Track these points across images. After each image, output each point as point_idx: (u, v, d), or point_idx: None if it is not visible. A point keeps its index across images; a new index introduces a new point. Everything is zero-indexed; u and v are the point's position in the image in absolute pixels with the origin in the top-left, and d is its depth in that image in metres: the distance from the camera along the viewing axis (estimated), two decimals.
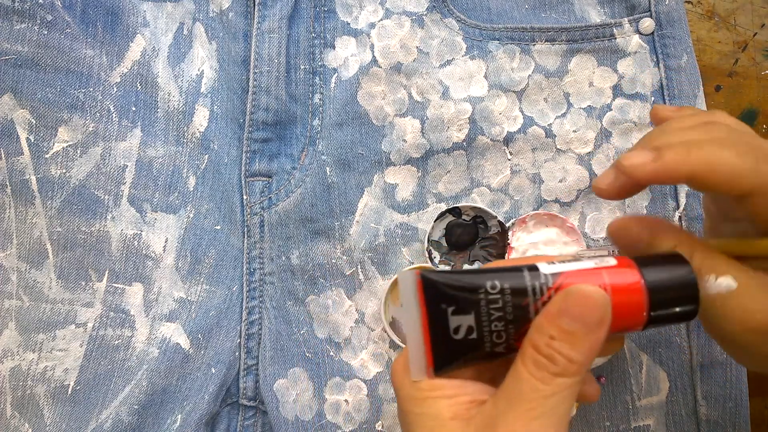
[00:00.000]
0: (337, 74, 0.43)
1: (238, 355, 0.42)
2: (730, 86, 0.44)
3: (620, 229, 0.28)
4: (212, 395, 0.40)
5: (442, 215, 0.41)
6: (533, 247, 0.41)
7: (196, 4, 0.43)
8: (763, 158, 0.25)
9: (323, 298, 0.42)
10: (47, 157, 0.39)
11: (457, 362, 0.25)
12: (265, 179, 0.43)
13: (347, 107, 0.42)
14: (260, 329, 0.42)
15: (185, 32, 0.42)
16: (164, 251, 0.40)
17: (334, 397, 0.41)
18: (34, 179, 0.39)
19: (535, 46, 0.42)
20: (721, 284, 0.25)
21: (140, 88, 0.41)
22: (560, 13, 0.42)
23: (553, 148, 0.41)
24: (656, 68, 0.41)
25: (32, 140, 0.39)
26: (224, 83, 0.43)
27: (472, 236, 0.41)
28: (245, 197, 0.43)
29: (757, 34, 0.44)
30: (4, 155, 0.39)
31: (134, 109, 0.41)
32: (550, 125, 0.41)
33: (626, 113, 0.41)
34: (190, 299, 0.41)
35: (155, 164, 0.41)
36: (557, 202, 0.41)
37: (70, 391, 0.38)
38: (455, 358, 0.25)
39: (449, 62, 0.42)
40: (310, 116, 0.43)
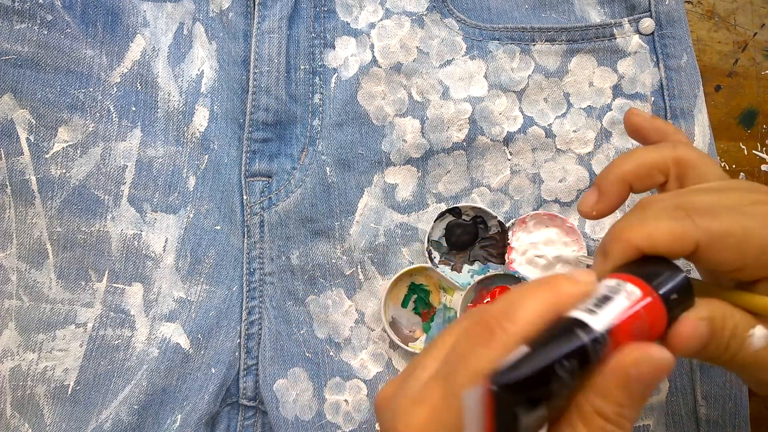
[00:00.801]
0: (337, 74, 0.43)
1: (238, 355, 0.42)
2: (730, 86, 0.44)
3: (690, 338, 0.25)
4: (212, 395, 0.40)
5: (442, 215, 0.41)
6: (533, 247, 0.41)
7: (196, 4, 0.43)
8: (695, 213, 0.25)
9: (323, 298, 0.42)
10: (47, 157, 0.39)
11: None
12: (265, 179, 0.43)
13: (347, 107, 0.42)
14: (260, 329, 0.42)
15: (185, 32, 0.42)
16: (164, 251, 0.40)
17: (334, 397, 0.41)
18: (34, 179, 0.39)
19: (535, 46, 0.42)
20: (760, 337, 0.25)
21: (140, 88, 0.41)
22: (560, 13, 0.42)
23: (553, 148, 0.41)
24: (656, 68, 0.41)
25: (32, 140, 0.39)
26: (224, 83, 0.43)
27: (472, 236, 0.41)
28: (245, 197, 0.43)
29: (757, 34, 0.44)
30: (4, 155, 0.39)
31: (134, 109, 0.41)
32: (550, 125, 0.41)
33: None
34: (190, 299, 0.41)
35: (155, 164, 0.41)
36: (557, 202, 0.41)
37: (70, 391, 0.38)
38: None
39: (449, 62, 0.42)
40: (310, 116, 0.43)
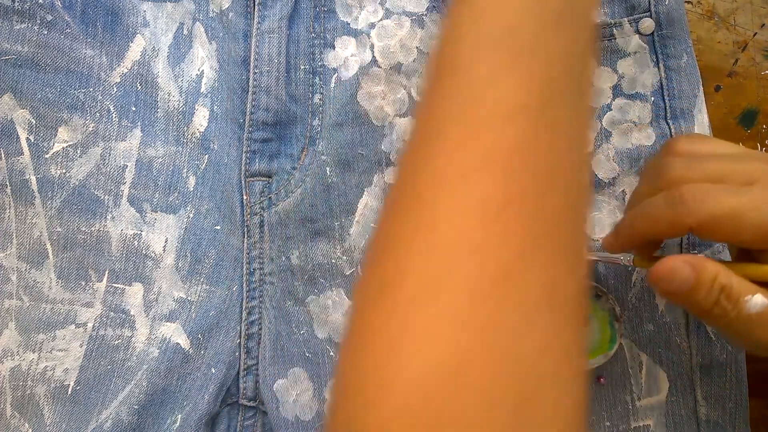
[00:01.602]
0: (337, 74, 0.43)
1: (237, 355, 0.42)
2: (730, 86, 0.44)
3: (671, 272, 0.30)
4: (212, 395, 0.40)
5: None
6: None
7: (196, 4, 0.43)
8: (691, 197, 0.29)
9: (323, 298, 0.42)
10: (47, 157, 0.39)
11: None
12: (265, 179, 0.43)
13: (347, 107, 0.42)
14: (260, 329, 0.42)
15: (185, 32, 0.42)
16: (164, 251, 0.40)
17: None
18: (34, 179, 0.39)
19: None
20: (757, 303, 0.28)
21: (140, 88, 0.41)
22: None
23: None
24: (656, 68, 0.41)
25: (32, 140, 0.39)
26: (224, 83, 0.43)
27: None
28: (245, 197, 0.43)
29: (757, 34, 0.44)
30: (4, 155, 0.39)
31: (134, 109, 0.41)
32: None
33: (626, 113, 0.41)
34: (190, 299, 0.41)
35: (155, 164, 0.41)
36: None
37: (70, 391, 0.38)
38: None
39: None
40: (310, 116, 0.43)
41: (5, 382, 0.38)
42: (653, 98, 0.41)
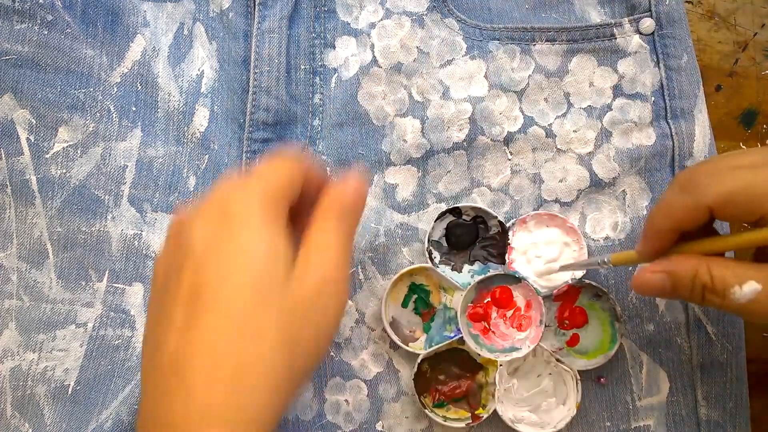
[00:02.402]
0: (337, 74, 0.43)
1: None
2: (730, 86, 0.44)
3: (644, 284, 0.31)
4: None
5: (442, 215, 0.41)
6: (534, 247, 0.41)
7: (196, 4, 0.43)
8: (704, 180, 0.30)
9: None
10: (47, 157, 0.39)
11: None
12: None
13: (347, 107, 0.42)
14: None
15: (185, 32, 0.42)
16: None
17: (334, 397, 0.41)
18: (34, 179, 0.39)
19: (535, 46, 0.42)
20: (746, 293, 0.27)
21: (140, 88, 0.41)
22: (560, 13, 0.42)
23: (553, 148, 0.41)
24: (656, 68, 0.41)
25: (32, 140, 0.39)
26: (224, 83, 0.43)
27: (472, 236, 0.41)
28: None
29: (757, 34, 0.44)
30: (4, 155, 0.39)
31: (134, 109, 0.41)
32: (550, 125, 0.41)
33: (626, 113, 0.41)
34: None
35: (155, 164, 0.41)
36: (557, 202, 0.41)
37: (70, 391, 0.38)
38: None
39: (449, 62, 0.42)
40: (310, 116, 0.43)
41: (5, 382, 0.38)
42: (654, 98, 0.41)
